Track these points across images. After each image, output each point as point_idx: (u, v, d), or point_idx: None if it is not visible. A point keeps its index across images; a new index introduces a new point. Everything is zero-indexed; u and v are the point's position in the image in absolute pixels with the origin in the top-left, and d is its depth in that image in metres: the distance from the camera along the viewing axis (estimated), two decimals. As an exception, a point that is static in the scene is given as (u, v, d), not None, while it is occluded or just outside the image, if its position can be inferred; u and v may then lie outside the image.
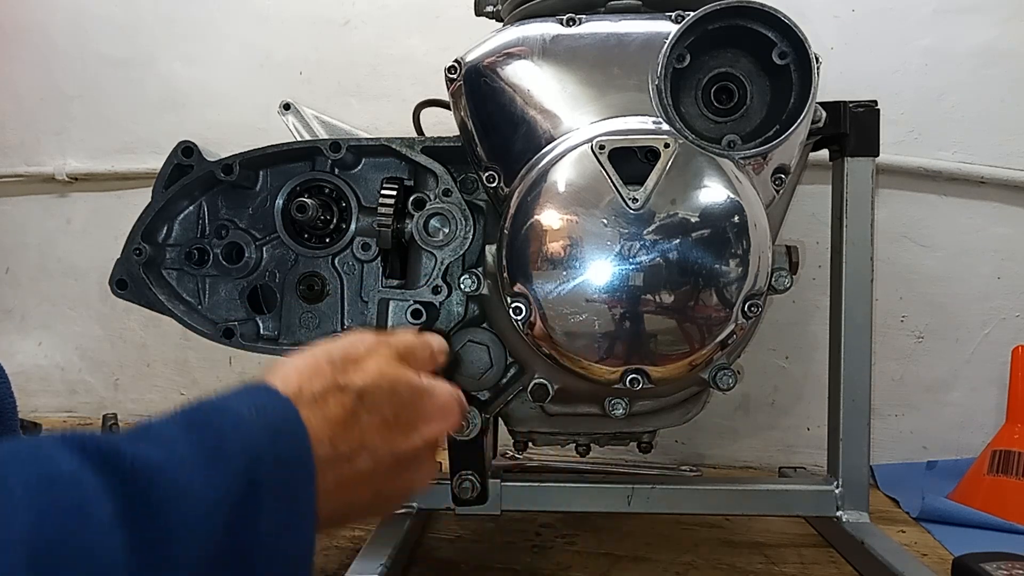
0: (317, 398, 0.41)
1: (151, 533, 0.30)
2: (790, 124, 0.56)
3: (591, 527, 0.83)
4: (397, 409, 0.44)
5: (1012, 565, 0.63)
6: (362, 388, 0.42)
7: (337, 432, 0.40)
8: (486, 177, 0.65)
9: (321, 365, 0.43)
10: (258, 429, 0.36)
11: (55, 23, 1.40)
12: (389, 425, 0.43)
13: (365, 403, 0.42)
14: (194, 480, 0.32)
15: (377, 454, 0.42)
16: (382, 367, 0.45)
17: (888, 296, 1.08)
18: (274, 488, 0.36)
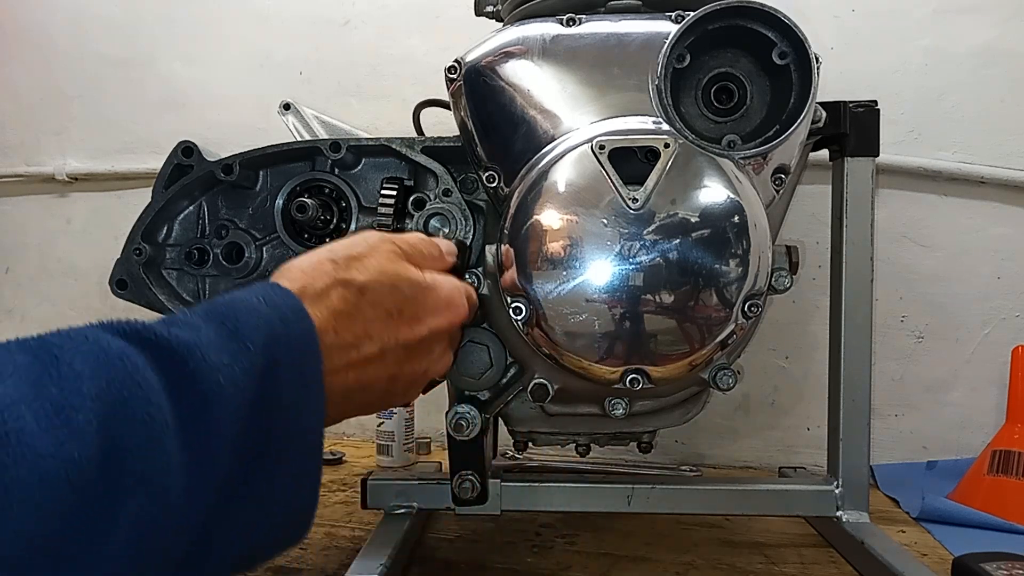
0: (320, 293, 0.43)
1: (193, 405, 0.33)
2: (790, 124, 0.56)
3: (591, 527, 0.83)
4: (399, 303, 0.47)
5: (1012, 565, 0.63)
6: (363, 283, 0.45)
7: (341, 322, 0.43)
8: (486, 177, 0.65)
9: (324, 264, 0.45)
10: (269, 315, 0.39)
11: (55, 23, 1.40)
12: (392, 316, 0.46)
13: (367, 297, 0.45)
14: (222, 358, 0.35)
15: (383, 342, 0.46)
16: (383, 264, 0.47)
17: (888, 296, 1.08)
18: (290, 366, 0.39)
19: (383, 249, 0.49)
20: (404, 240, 0.51)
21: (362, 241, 0.49)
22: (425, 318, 0.49)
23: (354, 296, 0.45)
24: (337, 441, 1.25)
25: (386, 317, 0.46)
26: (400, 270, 0.48)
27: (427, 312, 0.49)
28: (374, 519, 0.82)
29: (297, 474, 0.40)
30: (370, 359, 0.45)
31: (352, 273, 0.45)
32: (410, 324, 0.48)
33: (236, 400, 0.35)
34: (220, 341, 0.36)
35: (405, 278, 0.48)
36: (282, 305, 0.40)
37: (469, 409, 0.68)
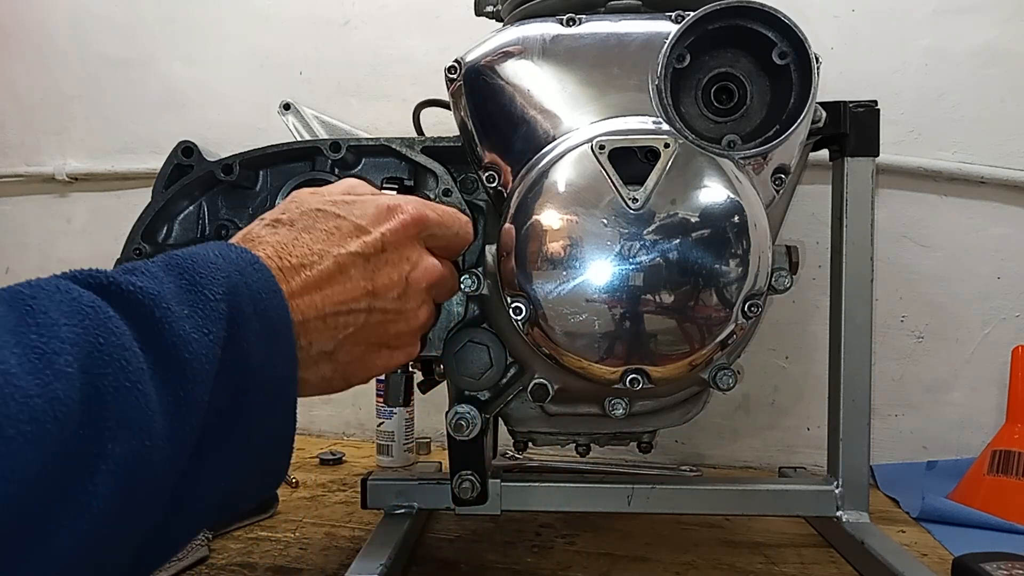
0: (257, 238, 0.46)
1: (163, 351, 0.34)
2: (790, 124, 0.56)
3: (591, 527, 0.83)
4: (334, 220, 0.48)
5: (1012, 565, 0.63)
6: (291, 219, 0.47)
7: (284, 250, 0.45)
8: (486, 177, 0.65)
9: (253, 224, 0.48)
10: (226, 267, 0.40)
11: (55, 23, 1.40)
12: (332, 233, 0.47)
13: (298, 226, 0.47)
14: (183, 307, 0.36)
15: (335, 256, 0.46)
16: (303, 202, 0.49)
17: (888, 296, 1.08)
18: (254, 314, 0.39)
19: (301, 194, 0.51)
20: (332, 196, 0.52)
21: (285, 202, 0.51)
22: (370, 227, 0.49)
23: (287, 230, 0.46)
24: (337, 441, 1.26)
25: (326, 235, 0.47)
26: (321, 198, 0.50)
27: (370, 221, 0.49)
28: (374, 519, 0.82)
29: (273, 416, 0.41)
30: (328, 275, 0.45)
31: (279, 216, 0.48)
32: (355, 235, 0.48)
33: (204, 346, 0.36)
34: (180, 292, 0.37)
35: (328, 200, 0.49)
36: (237, 259, 0.41)
37: (469, 409, 0.68)
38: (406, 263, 0.51)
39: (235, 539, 0.79)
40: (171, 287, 0.37)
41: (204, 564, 0.72)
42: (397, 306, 0.50)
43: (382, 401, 1.07)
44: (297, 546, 0.78)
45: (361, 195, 0.52)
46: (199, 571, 0.71)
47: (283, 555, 0.75)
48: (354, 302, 0.47)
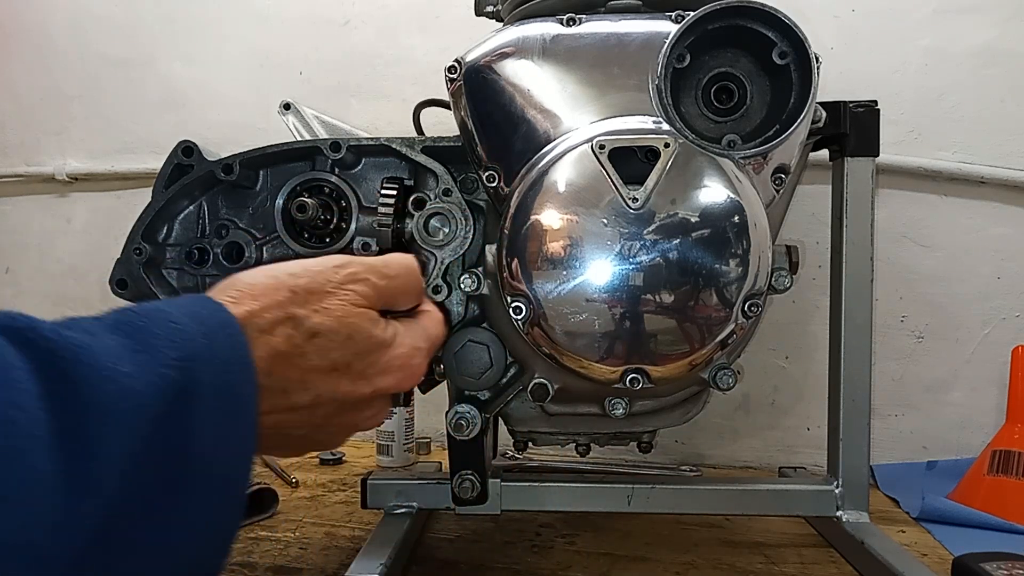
0: (265, 326, 0.39)
1: (74, 414, 0.29)
2: (790, 124, 0.56)
3: (591, 527, 0.83)
4: (349, 358, 0.42)
5: (1012, 565, 0.63)
6: (315, 327, 0.41)
7: (278, 364, 0.39)
8: (486, 177, 0.65)
9: (280, 291, 0.40)
10: (192, 331, 0.34)
11: (55, 23, 1.40)
12: (337, 370, 0.42)
13: (315, 342, 0.41)
14: (120, 367, 0.31)
15: (317, 394, 0.41)
16: (345, 309, 0.42)
17: (888, 296, 1.08)
18: (213, 389, 0.34)
19: (351, 291, 0.43)
20: (384, 274, 0.46)
21: (331, 274, 0.43)
22: (373, 378, 0.44)
23: (302, 338, 0.40)
24: (337, 441, 1.25)
25: (330, 370, 0.42)
26: (361, 322, 0.43)
27: (377, 372, 0.44)
28: (374, 519, 0.82)
29: (215, 506, 0.35)
30: (297, 408, 0.41)
31: (307, 311, 0.41)
32: (354, 381, 0.43)
33: (133, 416, 0.30)
34: (120, 349, 0.31)
35: (364, 332, 0.43)
36: (210, 321, 0.36)
37: (469, 409, 0.68)
38: (367, 414, 0.46)
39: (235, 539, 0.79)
40: (109, 343, 0.31)
41: (204, 564, 0.72)
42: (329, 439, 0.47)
43: (382, 401, 1.07)
44: (297, 546, 0.78)
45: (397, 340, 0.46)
46: (199, 571, 0.71)
47: (283, 555, 0.75)
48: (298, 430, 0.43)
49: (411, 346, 0.47)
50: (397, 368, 0.45)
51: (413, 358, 0.47)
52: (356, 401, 0.44)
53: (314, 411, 0.42)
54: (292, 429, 0.42)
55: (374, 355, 0.44)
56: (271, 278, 0.41)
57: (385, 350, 0.45)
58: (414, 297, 0.50)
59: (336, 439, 0.47)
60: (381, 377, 0.45)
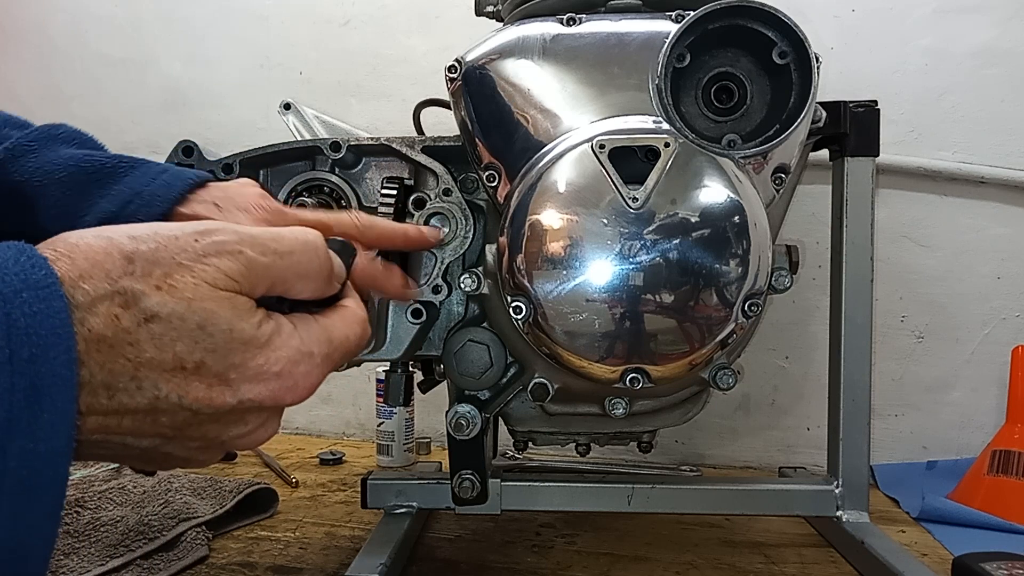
0: (81, 301, 0.30)
1: None
2: (790, 124, 0.56)
3: (591, 527, 0.83)
4: (201, 354, 0.32)
5: (1012, 565, 0.63)
6: (152, 309, 0.31)
7: (96, 351, 0.30)
8: (486, 176, 0.65)
9: (113, 256, 0.31)
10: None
11: (55, 23, 1.40)
12: (185, 369, 0.32)
13: (151, 329, 0.31)
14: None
15: (155, 396, 0.32)
16: (201, 292, 0.32)
17: (888, 296, 1.08)
18: (8, 362, 0.27)
19: (213, 265, 0.33)
20: (266, 247, 0.35)
21: (188, 241, 0.33)
22: (237, 384, 0.34)
23: (132, 321, 0.31)
24: (337, 441, 1.26)
25: (174, 367, 0.32)
26: (220, 309, 0.33)
27: (244, 378, 0.34)
28: (374, 519, 0.83)
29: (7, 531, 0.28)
30: (128, 411, 0.32)
31: (145, 286, 0.31)
32: (210, 386, 0.33)
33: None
34: None
35: (224, 323, 0.33)
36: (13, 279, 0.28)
37: (469, 409, 0.68)
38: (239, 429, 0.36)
39: (235, 538, 0.79)
40: None
41: (204, 563, 0.72)
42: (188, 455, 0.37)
43: (382, 401, 1.07)
44: (297, 546, 0.78)
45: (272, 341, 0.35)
46: (199, 570, 0.71)
47: (283, 555, 0.75)
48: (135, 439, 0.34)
49: (297, 349, 0.36)
50: (273, 376, 0.35)
51: (298, 364, 0.36)
52: (216, 412, 0.34)
53: (156, 418, 0.33)
54: (128, 438, 0.33)
55: (238, 355, 0.33)
56: (103, 239, 0.32)
57: (256, 350, 0.34)
58: (316, 283, 0.39)
59: (197, 457, 0.37)
60: (250, 385, 0.34)
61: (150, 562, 0.69)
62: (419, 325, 0.67)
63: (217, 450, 0.37)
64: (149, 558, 0.70)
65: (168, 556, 0.71)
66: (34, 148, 0.54)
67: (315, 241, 0.38)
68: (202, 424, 0.34)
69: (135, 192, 0.49)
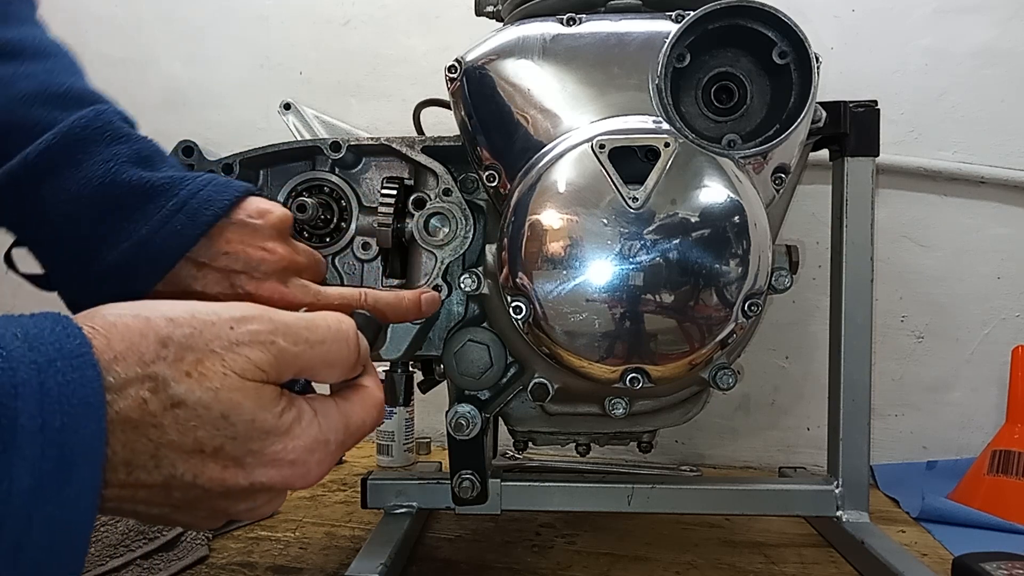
0: (113, 384, 0.31)
1: None
2: (790, 124, 0.56)
3: (591, 527, 0.83)
4: (222, 441, 0.33)
5: (1012, 565, 0.63)
6: (180, 397, 0.32)
7: (121, 432, 0.31)
8: (486, 176, 0.65)
9: (148, 341, 0.32)
10: (20, 357, 0.28)
11: (55, 23, 1.39)
12: (203, 452, 0.33)
13: (176, 415, 0.32)
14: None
15: (170, 475, 0.33)
16: (228, 382, 0.33)
17: (888, 296, 1.08)
18: (40, 431, 0.28)
19: (243, 356, 0.34)
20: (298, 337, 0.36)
21: (223, 328, 0.34)
22: (252, 468, 0.35)
23: (160, 406, 0.32)
24: (337, 441, 1.25)
25: (193, 451, 0.33)
26: (244, 400, 0.34)
27: (259, 463, 0.35)
28: (374, 519, 0.83)
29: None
30: (143, 485, 0.33)
31: (175, 372, 0.32)
32: (224, 468, 0.34)
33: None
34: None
35: (247, 414, 0.34)
36: (49, 349, 0.29)
37: (469, 409, 0.68)
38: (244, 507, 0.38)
39: (235, 538, 0.79)
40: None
41: (204, 563, 0.72)
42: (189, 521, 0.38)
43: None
44: (297, 546, 0.78)
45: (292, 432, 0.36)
46: (199, 570, 0.71)
47: (283, 555, 0.75)
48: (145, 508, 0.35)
49: (314, 438, 0.37)
50: (288, 464, 0.36)
51: (314, 453, 0.37)
52: (227, 491, 0.35)
53: (168, 493, 0.34)
54: (140, 506, 0.34)
55: (257, 442, 0.35)
56: (140, 319, 0.33)
57: (274, 439, 0.35)
58: (342, 371, 0.40)
59: (202, 524, 0.38)
60: (264, 470, 0.35)
61: (150, 562, 0.70)
62: (419, 325, 0.67)
63: (222, 519, 0.38)
64: (149, 558, 0.70)
65: (168, 556, 0.71)
66: (62, 159, 0.52)
67: (347, 331, 0.39)
68: (212, 500, 0.35)
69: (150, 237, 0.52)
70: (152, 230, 0.51)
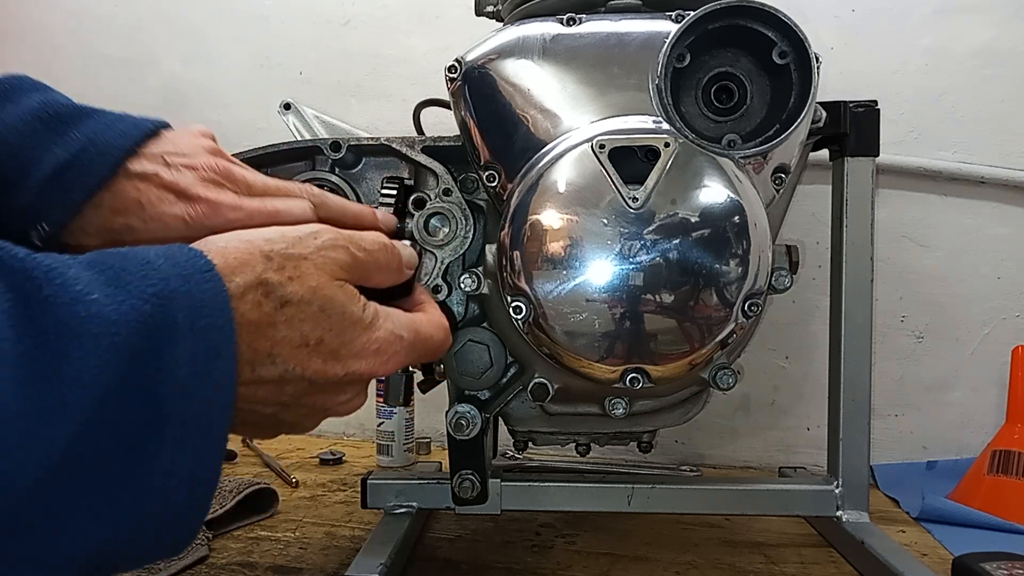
0: (234, 292, 0.36)
1: (43, 335, 0.28)
2: (790, 124, 0.56)
3: (591, 527, 0.83)
4: (322, 333, 0.40)
5: (1012, 565, 0.63)
6: (288, 297, 0.38)
7: (244, 332, 0.36)
8: (486, 176, 0.65)
9: (254, 255, 0.38)
10: (168, 271, 0.33)
11: (55, 23, 1.40)
12: (308, 346, 0.39)
13: (286, 313, 0.38)
14: (91, 295, 0.30)
15: (285, 369, 0.39)
16: (321, 281, 0.40)
17: (888, 296, 1.08)
18: (190, 329, 0.33)
19: (329, 258, 0.41)
20: (360, 246, 0.44)
21: (309, 240, 0.41)
22: (346, 359, 0.41)
23: (272, 307, 0.38)
24: (337, 441, 1.25)
25: (300, 344, 0.39)
26: (338, 295, 0.41)
27: (351, 354, 0.41)
28: (374, 519, 0.83)
29: (190, 456, 0.33)
30: (263, 381, 0.39)
31: (281, 277, 0.38)
32: (325, 360, 0.40)
33: (106, 341, 0.29)
34: (93, 281, 0.30)
35: (340, 306, 0.41)
36: (187, 263, 0.34)
37: (469, 408, 0.68)
38: (339, 399, 0.44)
39: (235, 539, 0.79)
40: (84, 275, 0.30)
41: (204, 563, 0.72)
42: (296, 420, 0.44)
43: (382, 401, 1.07)
44: (297, 546, 0.78)
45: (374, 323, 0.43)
46: (199, 570, 0.71)
47: (283, 555, 0.75)
48: (264, 407, 0.41)
49: (391, 332, 0.44)
50: (373, 353, 0.42)
51: (392, 345, 0.44)
52: (327, 383, 0.41)
53: (281, 388, 0.40)
54: (258, 405, 0.40)
55: (349, 333, 0.41)
56: (244, 241, 0.39)
57: (361, 330, 0.42)
58: (392, 274, 0.47)
59: (305, 423, 0.44)
60: (355, 360, 0.42)
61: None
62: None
63: (320, 417, 0.45)
64: (149, 558, 0.70)
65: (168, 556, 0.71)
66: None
67: (388, 242, 0.47)
68: (315, 394, 0.41)
69: (90, 140, 0.48)
70: (95, 133, 0.48)
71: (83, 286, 0.30)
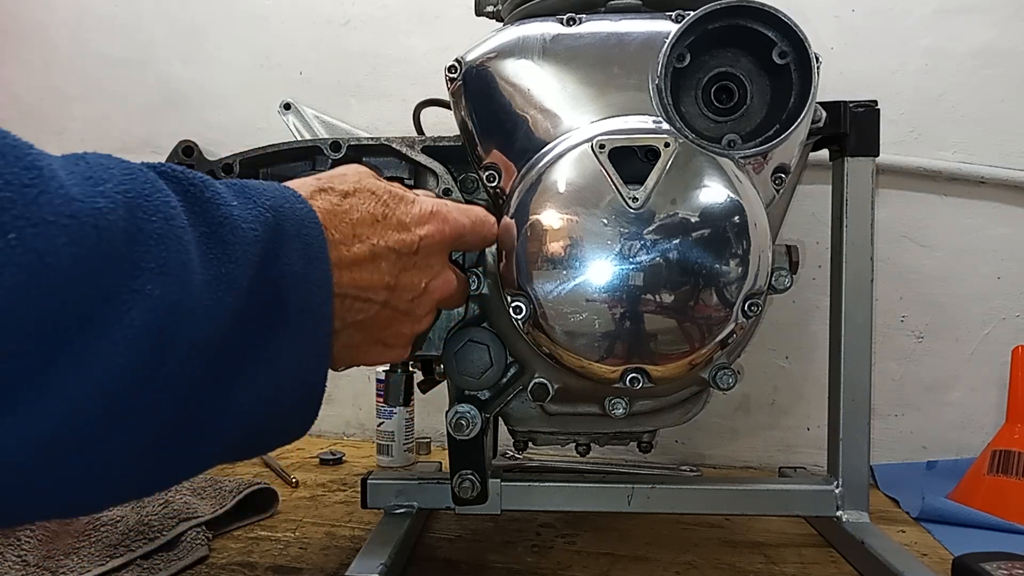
0: (307, 195, 0.45)
1: (210, 225, 0.35)
2: (790, 124, 0.56)
3: (591, 527, 0.83)
4: (383, 209, 0.49)
5: (1012, 565, 0.63)
6: (345, 190, 0.48)
7: (328, 220, 0.45)
8: (486, 176, 0.65)
9: (307, 179, 0.48)
10: (275, 192, 0.41)
11: (55, 23, 1.40)
12: (378, 221, 0.48)
13: (350, 201, 0.47)
14: (233, 203, 0.37)
15: (373, 244, 0.47)
16: (362, 178, 0.50)
17: (888, 296, 1.08)
18: (296, 237, 0.40)
19: (361, 170, 0.52)
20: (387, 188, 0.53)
21: (344, 169, 0.52)
22: (412, 226, 0.50)
23: (338, 199, 0.47)
24: (337, 441, 1.26)
25: (372, 220, 0.48)
26: (378, 183, 0.50)
27: (414, 221, 0.50)
28: (374, 519, 0.83)
29: (307, 341, 0.41)
30: (361, 260, 0.46)
31: (333, 183, 0.48)
32: (397, 230, 0.49)
33: (249, 240, 0.36)
34: (228, 193, 0.38)
35: (383, 189, 0.50)
36: (285, 191, 0.43)
37: (469, 408, 0.68)
38: (430, 270, 0.52)
39: (235, 539, 0.79)
40: (220, 187, 0.38)
41: (204, 563, 0.72)
42: (408, 308, 0.51)
43: (382, 401, 1.07)
44: (297, 546, 0.78)
45: (416, 196, 0.52)
46: (199, 570, 0.71)
47: (283, 555, 0.75)
48: (373, 292, 0.48)
49: (433, 202, 0.53)
50: (430, 215, 0.51)
51: (443, 207, 0.53)
52: (409, 252, 0.49)
53: (377, 264, 0.47)
54: (367, 288, 0.47)
55: (402, 207, 0.50)
56: (296, 181, 0.48)
57: (410, 203, 0.51)
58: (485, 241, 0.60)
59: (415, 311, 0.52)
60: (419, 226, 0.50)
61: (150, 562, 0.69)
62: (419, 325, 0.67)
63: (424, 302, 0.52)
64: (149, 558, 0.70)
65: (168, 556, 0.71)
66: None
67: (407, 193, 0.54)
68: (406, 269, 0.49)
69: None
70: None
71: (226, 196, 0.37)
